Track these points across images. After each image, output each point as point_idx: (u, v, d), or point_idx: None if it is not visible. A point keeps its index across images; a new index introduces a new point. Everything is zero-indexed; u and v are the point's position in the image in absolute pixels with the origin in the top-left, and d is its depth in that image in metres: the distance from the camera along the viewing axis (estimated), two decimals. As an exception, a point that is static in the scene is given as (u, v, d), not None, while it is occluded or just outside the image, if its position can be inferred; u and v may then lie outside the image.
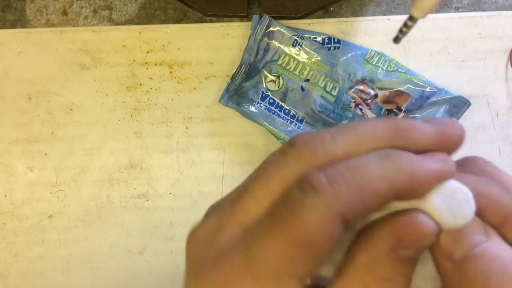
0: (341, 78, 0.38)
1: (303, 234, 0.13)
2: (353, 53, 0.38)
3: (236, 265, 0.14)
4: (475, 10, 0.40)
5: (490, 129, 0.39)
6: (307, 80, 0.37)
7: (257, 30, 0.37)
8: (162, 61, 0.39)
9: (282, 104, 0.37)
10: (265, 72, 0.37)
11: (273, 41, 0.37)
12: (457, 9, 0.41)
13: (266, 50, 0.37)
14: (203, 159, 0.39)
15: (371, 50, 0.38)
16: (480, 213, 0.15)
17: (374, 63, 0.38)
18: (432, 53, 0.39)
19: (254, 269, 0.14)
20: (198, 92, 0.39)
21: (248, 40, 0.37)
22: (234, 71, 0.38)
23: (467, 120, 0.39)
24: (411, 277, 0.14)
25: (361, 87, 0.38)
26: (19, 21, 0.41)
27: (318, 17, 0.40)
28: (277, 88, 0.37)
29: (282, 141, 0.37)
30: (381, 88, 0.38)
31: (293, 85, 0.37)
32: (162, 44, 0.39)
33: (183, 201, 0.39)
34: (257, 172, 0.16)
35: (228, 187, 0.39)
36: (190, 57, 0.39)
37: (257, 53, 0.37)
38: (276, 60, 0.37)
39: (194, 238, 0.17)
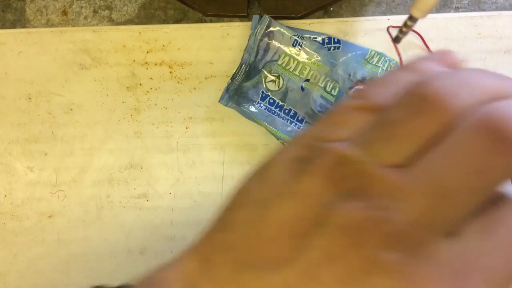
0: (341, 78, 0.38)
1: None
2: (353, 53, 0.38)
3: None
4: (475, 10, 0.40)
5: (490, 129, 0.39)
6: (307, 80, 0.37)
7: (257, 30, 0.37)
8: (162, 61, 0.39)
9: (282, 104, 0.37)
10: (265, 72, 0.37)
11: (273, 41, 0.37)
12: (457, 9, 0.41)
13: (266, 50, 0.37)
14: (203, 159, 0.39)
15: (371, 50, 0.38)
16: None
17: (374, 63, 0.38)
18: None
19: None
20: (198, 92, 0.39)
21: (248, 40, 0.37)
22: (234, 71, 0.38)
23: (467, 120, 0.39)
24: None
25: (361, 87, 0.38)
26: (19, 21, 0.41)
27: (318, 17, 0.40)
28: (277, 88, 0.37)
29: (282, 141, 0.37)
30: (381, 88, 0.38)
31: (293, 85, 0.37)
32: (162, 44, 0.39)
33: (183, 201, 0.39)
34: None
35: (228, 187, 0.39)
36: (190, 57, 0.39)
37: (257, 53, 0.37)
38: (276, 60, 0.37)
39: None
